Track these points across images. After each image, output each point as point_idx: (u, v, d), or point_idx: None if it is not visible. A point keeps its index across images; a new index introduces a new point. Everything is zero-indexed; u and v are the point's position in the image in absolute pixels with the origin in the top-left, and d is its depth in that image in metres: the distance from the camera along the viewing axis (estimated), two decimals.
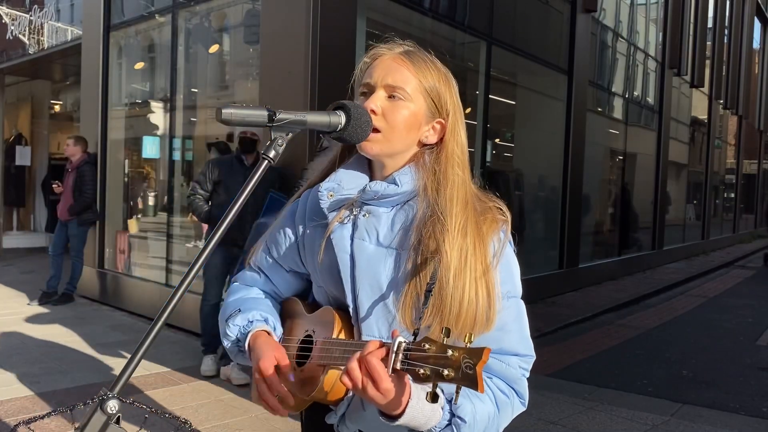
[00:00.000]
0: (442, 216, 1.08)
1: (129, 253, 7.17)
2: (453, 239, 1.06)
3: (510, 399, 1.11)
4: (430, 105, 1.16)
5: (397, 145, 1.15)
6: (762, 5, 21.15)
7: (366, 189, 1.15)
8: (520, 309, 1.15)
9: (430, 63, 1.17)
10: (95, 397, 0.89)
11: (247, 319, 1.23)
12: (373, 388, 0.93)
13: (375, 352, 0.93)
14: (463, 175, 1.14)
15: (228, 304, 1.29)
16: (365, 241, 1.15)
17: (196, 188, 4.50)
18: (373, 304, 1.13)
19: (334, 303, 1.22)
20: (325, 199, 1.17)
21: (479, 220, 1.12)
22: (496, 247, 1.12)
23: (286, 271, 1.32)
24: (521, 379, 1.13)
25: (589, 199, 9.82)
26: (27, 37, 9.64)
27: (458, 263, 1.06)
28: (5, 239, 10.74)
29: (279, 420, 3.67)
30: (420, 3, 6.42)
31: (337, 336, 1.14)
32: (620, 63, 11.37)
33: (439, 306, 1.05)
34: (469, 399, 1.03)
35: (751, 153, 23.33)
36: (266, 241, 1.34)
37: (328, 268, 1.19)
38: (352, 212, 1.17)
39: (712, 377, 5.07)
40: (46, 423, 3.41)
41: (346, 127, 1.08)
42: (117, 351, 5.01)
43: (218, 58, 6.62)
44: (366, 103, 1.14)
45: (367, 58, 1.20)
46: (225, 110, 0.97)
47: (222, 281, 4.51)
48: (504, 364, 1.11)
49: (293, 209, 1.30)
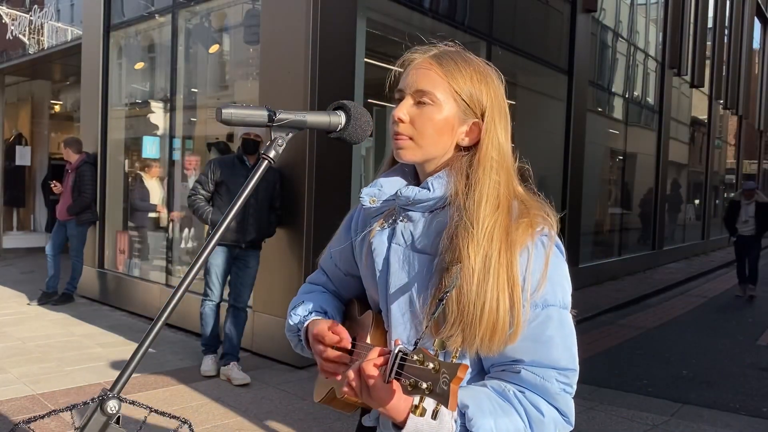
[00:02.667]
0: (468, 221, 1.05)
1: (130, 253, 7.18)
2: (477, 245, 1.03)
3: (545, 416, 1.03)
4: (462, 106, 1.12)
5: (430, 151, 1.13)
6: (762, 5, 21.15)
7: (398, 194, 1.14)
8: (562, 319, 1.07)
9: (462, 62, 1.13)
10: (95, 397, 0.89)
11: (307, 310, 1.28)
12: (367, 396, 0.93)
13: (372, 360, 0.93)
14: (497, 177, 1.09)
15: (296, 298, 1.35)
16: (401, 246, 1.15)
17: (198, 188, 4.46)
18: (402, 308, 1.13)
19: (376, 307, 1.23)
20: (367, 204, 1.18)
21: (511, 225, 1.07)
22: (530, 254, 1.05)
23: (344, 274, 1.35)
24: (561, 395, 1.05)
25: (589, 199, 9.82)
26: (27, 37, 9.64)
27: (481, 270, 1.02)
28: (5, 239, 10.74)
29: (279, 420, 3.67)
30: (420, 3, 6.42)
31: (369, 340, 1.15)
32: (620, 63, 11.37)
33: (458, 314, 1.02)
34: (489, 414, 0.98)
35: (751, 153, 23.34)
36: (329, 246, 1.38)
37: (370, 272, 1.21)
38: (392, 218, 1.18)
39: (712, 377, 5.07)
40: (46, 423, 3.41)
41: (346, 127, 1.08)
42: (117, 351, 5.01)
43: (218, 58, 6.62)
44: (393, 112, 1.14)
45: (400, 65, 1.19)
46: (225, 110, 0.97)
47: (223, 281, 4.51)
48: (539, 377, 1.04)
49: (351, 216, 1.34)
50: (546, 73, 8.58)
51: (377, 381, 0.92)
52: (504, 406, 1.02)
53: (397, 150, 1.14)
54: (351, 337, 1.23)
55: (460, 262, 1.03)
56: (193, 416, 3.70)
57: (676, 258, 13.56)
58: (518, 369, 1.05)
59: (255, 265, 4.59)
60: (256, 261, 4.59)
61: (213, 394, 4.13)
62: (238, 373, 4.35)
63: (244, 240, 4.43)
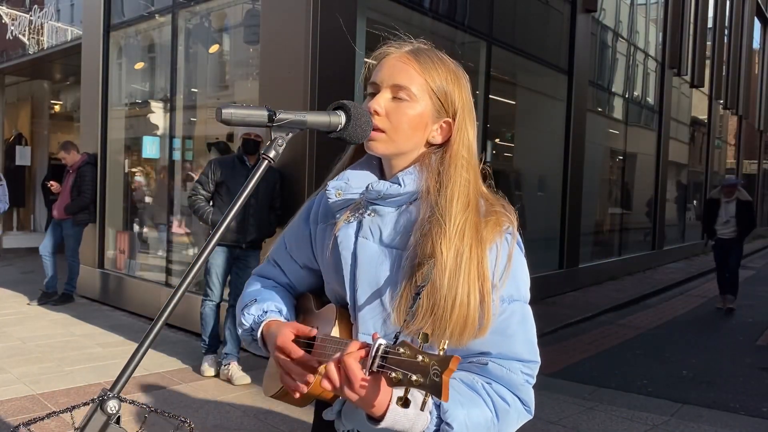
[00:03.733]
0: (440, 218, 1.07)
1: (131, 253, 7.18)
2: (450, 241, 1.05)
3: (511, 406, 1.07)
4: (437, 104, 1.14)
5: (403, 146, 1.15)
6: (762, 5, 21.15)
7: (369, 188, 1.15)
8: (524, 313, 1.12)
9: (438, 61, 1.15)
10: (95, 397, 0.89)
11: (261, 309, 1.25)
12: (349, 389, 0.93)
13: (353, 353, 0.93)
14: (467, 176, 1.12)
15: (245, 295, 1.32)
16: (368, 240, 1.15)
17: (198, 188, 4.46)
18: (370, 302, 1.13)
19: (338, 300, 1.22)
20: (333, 197, 1.18)
21: (480, 223, 1.10)
22: (498, 251, 1.09)
23: (300, 266, 1.34)
24: (524, 385, 1.10)
25: (589, 199, 9.82)
26: (27, 37, 9.64)
27: (453, 265, 1.04)
28: (5, 239, 10.74)
29: (279, 420, 3.67)
30: (420, 3, 6.42)
31: (335, 333, 1.15)
32: (620, 63, 11.37)
33: (431, 308, 1.04)
34: (461, 405, 1.00)
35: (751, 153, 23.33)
36: (284, 236, 1.36)
37: (334, 266, 1.20)
38: (359, 211, 1.17)
39: (712, 377, 5.07)
40: (46, 423, 3.41)
41: (346, 127, 1.08)
42: (117, 351, 5.01)
43: (218, 58, 6.62)
44: (370, 103, 1.14)
45: (375, 58, 1.20)
46: (225, 110, 0.97)
47: (223, 282, 4.51)
48: (505, 369, 1.08)
49: (309, 207, 1.32)
50: (546, 73, 8.58)
51: (360, 374, 0.91)
52: (473, 398, 1.04)
53: (369, 142, 1.14)
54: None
55: (432, 258, 1.04)
56: (193, 416, 3.70)
57: (676, 258, 13.56)
58: (485, 361, 1.09)
59: (255, 265, 4.57)
60: (256, 261, 4.59)
61: (213, 394, 4.13)
62: (238, 372, 4.35)
63: (245, 240, 4.43)
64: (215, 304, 4.51)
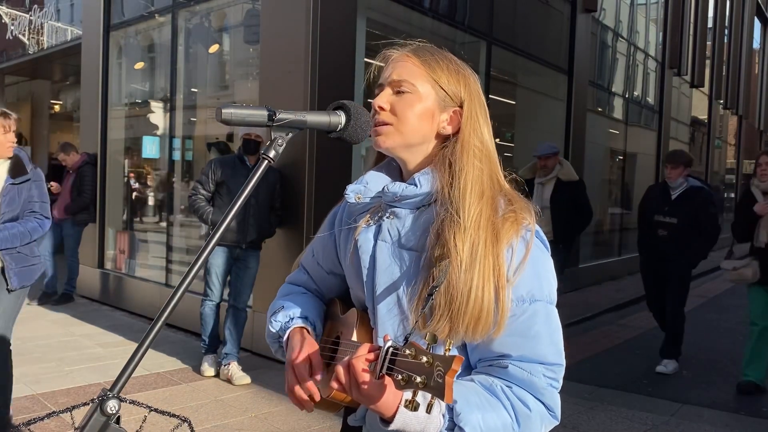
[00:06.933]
0: (455, 212, 1.05)
1: (130, 253, 7.17)
2: (464, 233, 1.03)
3: (533, 410, 1.03)
4: (441, 93, 1.14)
5: (410, 137, 1.14)
6: (762, 5, 21.14)
7: (384, 190, 1.14)
8: (548, 314, 1.08)
9: (438, 54, 1.17)
10: (95, 398, 0.89)
11: (288, 316, 1.25)
12: (357, 392, 0.93)
13: (361, 357, 0.93)
14: (480, 165, 1.10)
15: (275, 303, 1.33)
16: (387, 243, 1.15)
17: (198, 188, 4.45)
18: (389, 305, 1.12)
19: (361, 304, 1.22)
20: (352, 201, 1.18)
21: (497, 219, 1.07)
22: (515, 247, 1.06)
23: (326, 272, 1.34)
24: (548, 389, 1.06)
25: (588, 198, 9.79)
26: (27, 37, 9.64)
27: (468, 258, 1.02)
28: None
29: (279, 420, 3.67)
30: (420, 3, 6.42)
31: (355, 338, 1.15)
32: (620, 63, 11.36)
33: (447, 305, 1.02)
34: (477, 408, 0.98)
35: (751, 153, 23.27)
36: (312, 243, 1.37)
37: (355, 270, 1.20)
38: (378, 215, 1.17)
39: (712, 377, 5.07)
40: (46, 423, 3.41)
41: (346, 127, 1.08)
42: (117, 351, 5.01)
43: (218, 58, 6.62)
44: (374, 101, 1.15)
45: (379, 60, 1.21)
46: (225, 110, 0.98)
47: (223, 282, 4.50)
48: (526, 372, 1.05)
49: (335, 213, 1.32)
50: (546, 73, 8.58)
51: (365, 377, 0.91)
52: (491, 401, 1.02)
53: (376, 137, 1.14)
54: (335, 336, 1.24)
55: (448, 257, 1.03)
56: (193, 416, 3.70)
57: None
58: (505, 364, 1.06)
59: (255, 265, 4.58)
60: (256, 261, 4.59)
61: (213, 394, 4.13)
62: (238, 372, 4.35)
63: (245, 240, 4.43)
64: (215, 304, 4.51)
